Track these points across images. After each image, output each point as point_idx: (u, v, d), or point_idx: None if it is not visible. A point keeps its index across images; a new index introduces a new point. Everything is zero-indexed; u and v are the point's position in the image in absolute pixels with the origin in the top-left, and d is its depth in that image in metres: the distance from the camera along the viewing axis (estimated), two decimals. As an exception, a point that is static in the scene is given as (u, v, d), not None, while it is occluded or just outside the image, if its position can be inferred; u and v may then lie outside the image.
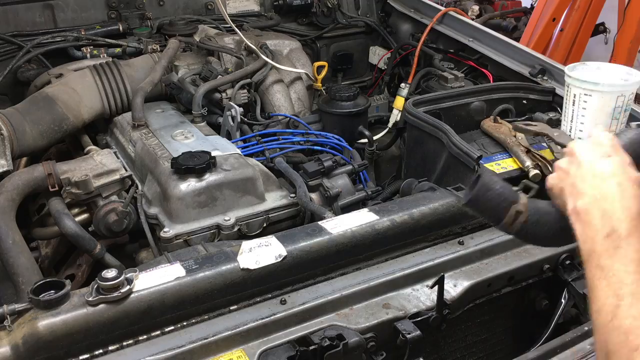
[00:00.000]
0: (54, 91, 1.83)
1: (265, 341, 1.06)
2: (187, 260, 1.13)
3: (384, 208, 1.32)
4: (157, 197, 1.53)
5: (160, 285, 1.06)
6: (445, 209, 1.33)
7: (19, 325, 0.98)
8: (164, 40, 2.27)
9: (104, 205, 1.52)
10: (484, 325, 1.33)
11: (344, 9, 2.67)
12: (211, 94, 1.96)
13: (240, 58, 2.11)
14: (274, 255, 1.14)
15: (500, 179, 0.94)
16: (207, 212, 1.48)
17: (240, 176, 1.53)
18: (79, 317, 0.99)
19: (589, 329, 1.20)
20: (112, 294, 1.01)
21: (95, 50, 2.17)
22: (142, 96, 1.86)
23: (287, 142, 1.84)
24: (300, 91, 2.20)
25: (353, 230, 1.23)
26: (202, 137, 1.74)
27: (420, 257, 1.27)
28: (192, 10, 2.47)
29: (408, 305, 1.16)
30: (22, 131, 1.68)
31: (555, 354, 1.16)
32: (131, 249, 1.62)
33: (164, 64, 1.99)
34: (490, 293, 1.28)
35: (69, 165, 1.58)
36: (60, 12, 2.25)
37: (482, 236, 1.33)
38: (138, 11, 2.35)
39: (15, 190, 1.50)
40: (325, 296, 1.14)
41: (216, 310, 1.10)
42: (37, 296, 0.99)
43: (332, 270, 1.21)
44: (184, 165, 1.48)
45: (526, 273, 1.31)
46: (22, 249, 1.42)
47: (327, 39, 2.63)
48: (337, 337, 1.04)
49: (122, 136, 1.84)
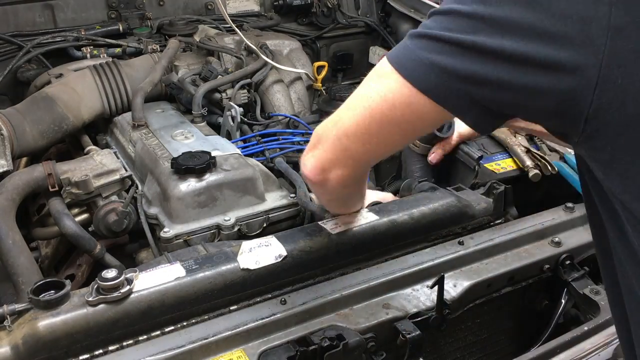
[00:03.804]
0: (54, 91, 1.83)
1: (265, 341, 1.06)
2: (187, 260, 1.13)
3: (384, 208, 1.32)
4: (157, 197, 1.53)
5: (160, 286, 1.06)
6: (445, 209, 1.33)
7: (19, 326, 0.98)
8: (164, 40, 2.27)
9: (104, 205, 1.52)
10: (484, 325, 1.33)
11: (344, 9, 2.66)
12: (211, 94, 1.96)
13: (240, 58, 2.11)
14: (274, 255, 1.14)
15: None
16: (207, 212, 1.48)
17: (240, 176, 1.53)
18: (79, 317, 0.99)
19: (589, 329, 1.20)
20: (112, 294, 1.01)
21: (95, 50, 2.16)
22: (142, 96, 1.86)
23: (287, 142, 1.84)
24: (300, 91, 2.20)
25: (353, 231, 1.23)
26: (202, 137, 1.74)
27: (420, 257, 1.27)
28: (192, 10, 2.47)
29: (408, 306, 1.16)
30: (22, 131, 1.68)
31: (555, 354, 1.16)
32: (131, 249, 1.62)
33: (164, 64, 1.99)
34: (490, 293, 1.28)
35: (69, 165, 1.58)
36: (60, 12, 2.25)
37: (482, 236, 1.34)
38: (138, 11, 2.35)
39: (15, 190, 1.49)
40: (325, 296, 1.14)
41: (216, 310, 1.10)
42: (37, 296, 1.00)
43: (332, 270, 1.21)
44: (184, 166, 1.48)
45: (526, 273, 1.31)
46: (22, 249, 1.42)
47: (327, 39, 2.63)
48: (337, 337, 1.04)
49: (122, 136, 1.84)
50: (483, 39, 0.72)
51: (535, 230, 1.36)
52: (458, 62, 0.75)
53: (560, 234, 1.37)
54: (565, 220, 1.40)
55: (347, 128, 0.94)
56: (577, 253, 1.33)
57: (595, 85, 0.67)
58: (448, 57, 0.76)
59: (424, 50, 0.78)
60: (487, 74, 0.73)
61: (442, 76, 0.77)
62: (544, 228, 1.37)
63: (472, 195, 1.40)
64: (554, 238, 1.36)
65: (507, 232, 1.35)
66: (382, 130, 0.90)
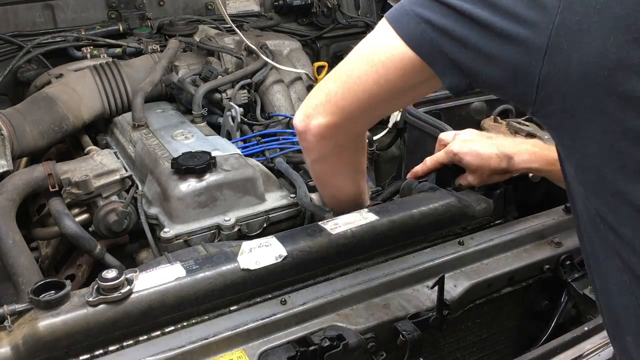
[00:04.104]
0: (54, 91, 1.84)
1: (265, 341, 1.06)
2: (187, 260, 1.13)
3: (384, 208, 1.32)
4: (157, 197, 1.53)
5: (161, 286, 1.06)
6: (446, 209, 1.33)
7: (19, 326, 0.98)
8: (164, 40, 2.27)
9: (104, 206, 1.52)
10: (484, 326, 1.33)
11: (344, 9, 2.67)
12: (211, 94, 1.96)
13: (240, 58, 2.11)
14: (274, 255, 1.14)
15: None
16: (207, 212, 1.48)
17: (240, 176, 1.53)
18: (79, 318, 0.99)
19: (589, 329, 1.20)
20: (113, 295, 1.01)
21: (95, 50, 2.17)
22: (142, 96, 1.86)
23: (287, 142, 1.84)
24: (301, 91, 2.20)
25: (353, 231, 1.23)
26: (202, 138, 1.74)
27: (421, 257, 1.27)
28: (192, 11, 2.47)
29: (408, 306, 1.16)
30: (22, 131, 1.68)
31: (555, 354, 1.16)
32: (131, 249, 1.62)
33: (164, 64, 1.99)
34: (491, 293, 1.28)
35: (69, 166, 1.58)
36: (60, 12, 2.25)
37: (482, 236, 1.33)
38: (138, 11, 2.35)
39: (15, 190, 1.49)
40: (325, 296, 1.13)
41: (216, 310, 1.10)
42: (38, 296, 0.99)
43: (332, 270, 1.21)
44: (184, 166, 1.48)
45: (526, 273, 1.31)
46: (22, 249, 1.42)
47: (327, 39, 2.63)
48: (337, 338, 1.04)
49: (122, 136, 1.84)
50: (460, 2, 0.83)
51: (535, 230, 1.36)
52: (436, 16, 0.86)
53: (560, 234, 1.37)
54: (565, 220, 1.40)
55: (335, 71, 1.03)
56: (577, 253, 1.33)
57: (545, 53, 0.76)
58: (427, 10, 0.87)
59: (412, 3, 0.90)
60: (455, 30, 0.84)
61: (421, 25, 0.88)
62: (544, 228, 1.37)
63: (472, 195, 1.40)
64: (554, 238, 1.35)
65: (507, 232, 1.35)
66: (361, 70, 0.98)
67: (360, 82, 0.99)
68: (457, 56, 0.86)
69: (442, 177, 1.45)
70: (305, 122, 1.07)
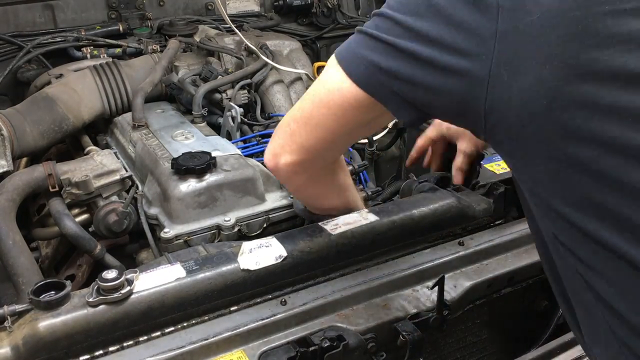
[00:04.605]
0: (54, 91, 1.83)
1: (265, 342, 1.06)
2: (187, 260, 1.13)
3: (384, 209, 1.32)
4: (157, 197, 1.53)
5: (161, 286, 1.06)
6: (446, 209, 1.33)
7: (19, 326, 0.98)
8: (164, 40, 2.27)
9: (104, 206, 1.52)
10: (484, 326, 1.33)
11: (344, 9, 2.67)
12: (211, 95, 1.96)
13: (240, 58, 2.11)
14: (274, 256, 1.14)
15: None
16: (207, 212, 1.48)
17: (240, 176, 1.53)
18: (80, 318, 0.99)
19: (589, 329, 1.20)
20: (113, 295, 1.01)
21: (95, 50, 2.17)
22: (143, 96, 1.86)
23: (287, 142, 1.84)
24: (301, 91, 2.19)
25: (353, 231, 1.23)
26: (202, 138, 1.74)
27: (421, 257, 1.27)
28: (192, 11, 2.47)
29: (408, 306, 1.16)
30: (22, 131, 1.68)
31: (555, 354, 1.16)
32: (131, 250, 1.62)
33: (164, 65, 1.99)
34: (491, 294, 1.28)
35: (69, 166, 1.58)
36: (61, 13, 2.25)
37: (482, 237, 1.34)
38: (138, 11, 2.35)
39: (15, 190, 1.49)
40: (325, 297, 1.14)
41: (216, 311, 1.10)
42: (38, 297, 1.00)
43: (332, 270, 1.21)
44: (184, 166, 1.48)
45: (526, 273, 1.31)
46: (22, 250, 1.42)
47: (328, 40, 2.63)
48: (337, 338, 1.04)
49: (122, 136, 1.84)
50: (401, 42, 0.84)
51: (536, 230, 1.36)
52: (381, 58, 0.86)
53: (561, 235, 1.37)
54: (565, 220, 1.40)
55: (295, 113, 1.05)
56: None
57: (487, 83, 0.77)
58: (374, 53, 0.87)
59: (359, 45, 0.91)
60: (400, 70, 0.85)
61: (369, 68, 0.89)
62: (544, 228, 1.37)
63: (473, 195, 1.40)
64: (554, 238, 1.35)
65: (507, 232, 1.35)
66: (319, 113, 1.00)
67: (321, 124, 1.01)
68: (408, 95, 0.87)
69: (441, 163, 1.50)
70: (274, 161, 1.09)
